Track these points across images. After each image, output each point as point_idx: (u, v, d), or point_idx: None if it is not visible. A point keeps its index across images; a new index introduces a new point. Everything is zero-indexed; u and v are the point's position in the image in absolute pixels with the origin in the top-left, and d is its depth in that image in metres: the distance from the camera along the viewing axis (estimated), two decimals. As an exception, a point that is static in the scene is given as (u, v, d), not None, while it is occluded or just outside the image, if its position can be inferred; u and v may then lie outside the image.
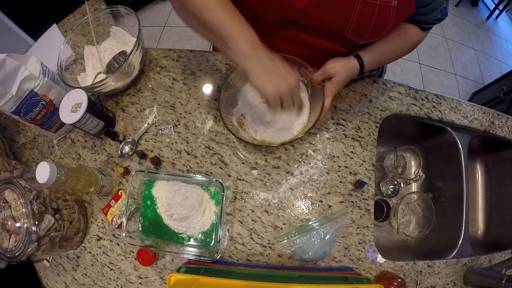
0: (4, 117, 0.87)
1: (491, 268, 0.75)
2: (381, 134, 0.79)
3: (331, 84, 0.62)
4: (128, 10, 0.76)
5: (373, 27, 0.55)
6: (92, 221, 0.73)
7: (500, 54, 2.62)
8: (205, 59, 0.83)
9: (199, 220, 0.67)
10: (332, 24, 0.57)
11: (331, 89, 0.62)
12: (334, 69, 0.61)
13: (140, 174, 0.67)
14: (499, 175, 1.00)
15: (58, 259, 0.73)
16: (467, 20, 2.69)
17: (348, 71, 0.63)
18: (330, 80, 0.63)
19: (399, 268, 0.71)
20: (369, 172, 0.75)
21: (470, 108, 0.87)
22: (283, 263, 0.68)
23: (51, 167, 0.56)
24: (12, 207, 0.57)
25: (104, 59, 0.80)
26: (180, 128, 0.77)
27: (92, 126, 0.69)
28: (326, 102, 0.62)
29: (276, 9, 0.56)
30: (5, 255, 0.57)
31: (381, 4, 0.52)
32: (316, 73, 0.63)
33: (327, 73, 0.62)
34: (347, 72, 0.63)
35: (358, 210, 0.72)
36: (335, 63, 0.62)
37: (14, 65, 0.62)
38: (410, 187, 0.99)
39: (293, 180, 0.73)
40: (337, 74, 0.61)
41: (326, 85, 0.63)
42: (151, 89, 0.80)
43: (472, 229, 0.99)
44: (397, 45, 0.66)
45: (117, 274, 0.70)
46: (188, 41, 2.17)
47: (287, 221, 0.70)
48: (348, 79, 0.65)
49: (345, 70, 0.62)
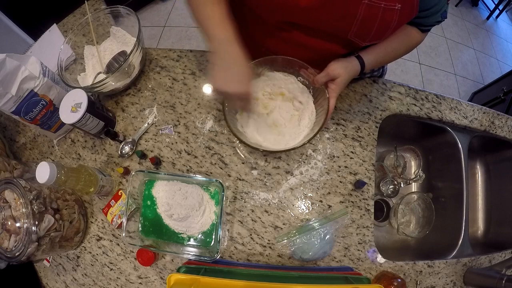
0: (4, 117, 0.87)
1: (491, 268, 0.75)
2: (381, 134, 0.79)
3: (334, 85, 0.63)
4: (128, 10, 0.76)
5: (376, 29, 0.55)
6: (92, 221, 0.73)
7: (500, 54, 2.62)
8: (205, 59, 0.83)
9: (199, 220, 0.67)
10: (336, 26, 0.57)
11: (335, 90, 0.63)
12: (336, 70, 0.62)
13: (140, 174, 0.67)
14: (499, 175, 1.00)
15: (58, 259, 0.73)
16: (467, 20, 2.69)
17: (350, 72, 0.63)
18: (333, 82, 0.63)
19: (399, 268, 0.71)
20: (369, 172, 0.75)
21: (470, 108, 0.87)
22: (283, 263, 0.68)
23: (51, 167, 0.56)
24: (12, 207, 0.57)
25: (104, 59, 0.80)
26: (180, 128, 0.77)
27: (92, 126, 0.69)
28: (330, 103, 0.63)
29: (280, 8, 0.56)
30: (5, 255, 0.57)
31: (385, 7, 0.52)
32: (319, 75, 0.63)
33: (330, 75, 0.62)
34: (349, 73, 0.63)
35: (358, 210, 0.72)
36: (337, 65, 0.63)
37: (14, 65, 0.62)
38: (410, 187, 0.99)
39: (293, 180, 0.73)
40: (340, 75, 0.62)
41: (329, 86, 0.64)
42: (151, 89, 0.80)
43: (472, 229, 0.99)
44: (397, 46, 0.67)
45: (117, 274, 0.70)
46: (188, 41, 2.17)
47: (287, 221, 0.70)
48: (350, 79, 0.65)
49: (347, 71, 0.63)
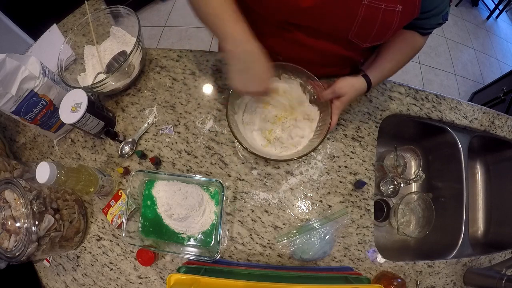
0: (4, 117, 0.87)
1: (491, 268, 0.75)
2: (381, 134, 0.79)
3: (339, 102, 0.64)
4: (128, 10, 0.76)
5: (377, 31, 0.56)
6: (92, 221, 0.73)
7: (500, 54, 2.62)
8: (205, 59, 0.83)
9: (199, 220, 0.67)
10: (336, 26, 0.57)
11: (339, 108, 0.65)
12: (343, 89, 0.63)
13: (140, 174, 0.67)
14: (499, 175, 1.00)
15: (58, 259, 0.73)
16: (467, 20, 2.69)
17: (356, 91, 0.65)
18: (338, 99, 0.65)
19: (399, 268, 0.71)
20: (369, 172, 0.75)
21: (470, 108, 0.87)
22: (283, 263, 0.68)
23: (51, 167, 0.56)
24: (12, 207, 0.57)
25: (104, 59, 0.80)
26: (180, 128, 0.77)
27: (92, 126, 0.69)
28: (333, 119, 0.64)
29: (281, 9, 0.56)
30: (5, 255, 0.57)
31: (386, 8, 0.52)
32: (326, 91, 0.65)
33: (336, 93, 0.64)
34: (355, 92, 0.65)
35: (358, 210, 0.72)
36: (344, 83, 0.64)
37: (14, 65, 0.62)
38: (410, 187, 0.99)
39: (293, 180, 0.73)
40: (346, 94, 0.64)
41: (334, 102, 0.65)
42: (151, 89, 0.80)
43: (472, 229, 0.99)
44: (400, 58, 0.68)
45: (117, 274, 0.70)
46: (188, 41, 2.17)
47: (287, 221, 0.70)
48: (355, 98, 0.67)
49: (353, 90, 0.64)
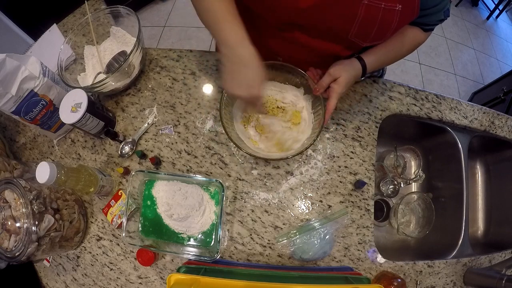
0: (4, 117, 0.87)
1: (491, 268, 0.75)
2: (381, 134, 0.79)
3: (336, 84, 0.64)
4: (128, 10, 0.76)
5: (377, 30, 0.56)
6: (92, 221, 0.73)
7: (500, 54, 2.62)
8: (205, 59, 0.83)
9: (199, 220, 0.67)
10: (336, 26, 0.57)
11: (336, 90, 0.64)
12: (338, 70, 0.64)
13: (140, 174, 0.67)
14: (499, 175, 1.00)
15: (58, 259, 0.73)
16: (467, 20, 2.69)
17: (352, 72, 0.65)
18: (335, 82, 0.64)
19: (399, 268, 0.71)
20: (369, 172, 0.75)
21: (470, 108, 0.87)
22: (283, 263, 0.68)
23: (51, 167, 0.56)
24: (12, 207, 0.57)
25: (104, 59, 0.80)
26: (180, 128, 0.77)
27: (92, 126, 0.69)
28: (332, 103, 0.64)
29: (280, 9, 0.56)
30: (5, 255, 0.57)
31: (386, 8, 0.52)
32: (322, 79, 0.65)
33: (332, 75, 0.64)
34: (350, 73, 0.64)
35: (358, 210, 0.72)
36: (339, 66, 0.64)
37: (14, 65, 0.62)
38: (410, 187, 0.99)
39: (293, 180, 0.73)
40: (341, 75, 0.64)
41: (332, 86, 0.65)
42: (151, 89, 0.80)
43: (472, 229, 0.99)
44: (398, 47, 0.67)
45: (117, 274, 0.70)
46: (188, 41, 2.16)
47: (287, 221, 0.70)
48: (353, 81, 0.66)
49: (348, 72, 0.64)
